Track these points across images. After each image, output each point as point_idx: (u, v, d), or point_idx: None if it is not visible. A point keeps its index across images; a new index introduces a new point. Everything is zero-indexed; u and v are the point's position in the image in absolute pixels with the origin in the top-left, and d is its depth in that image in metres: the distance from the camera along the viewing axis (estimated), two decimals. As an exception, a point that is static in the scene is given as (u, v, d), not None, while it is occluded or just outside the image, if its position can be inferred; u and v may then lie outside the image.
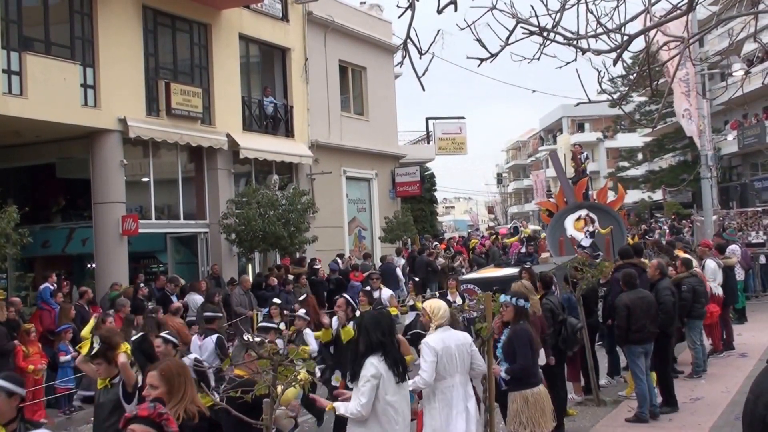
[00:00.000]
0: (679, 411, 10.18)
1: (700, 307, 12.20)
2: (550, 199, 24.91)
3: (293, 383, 4.75)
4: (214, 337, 10.66)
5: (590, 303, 11.60)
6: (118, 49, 17.99)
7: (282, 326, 11.05)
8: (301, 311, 11.76)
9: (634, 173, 54.87)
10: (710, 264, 14.08)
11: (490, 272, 14.79)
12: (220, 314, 11.57)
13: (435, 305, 7.01)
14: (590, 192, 22.52)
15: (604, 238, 19.28)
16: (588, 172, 23.02)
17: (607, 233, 19.30)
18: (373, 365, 5.97)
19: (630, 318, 9.87)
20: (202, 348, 10.56)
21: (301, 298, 14.58)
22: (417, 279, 22.29)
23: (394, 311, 11.80)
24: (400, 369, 6.07)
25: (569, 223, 20.18)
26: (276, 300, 13.26)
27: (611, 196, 22.50)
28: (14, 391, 4.70)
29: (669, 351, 10.92)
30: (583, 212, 20.21)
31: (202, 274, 19.98)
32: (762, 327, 15.98)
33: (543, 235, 27.15)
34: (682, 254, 13.76)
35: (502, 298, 8.02)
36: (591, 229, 19.67)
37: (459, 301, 11.79)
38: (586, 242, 18.80)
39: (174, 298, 15.92)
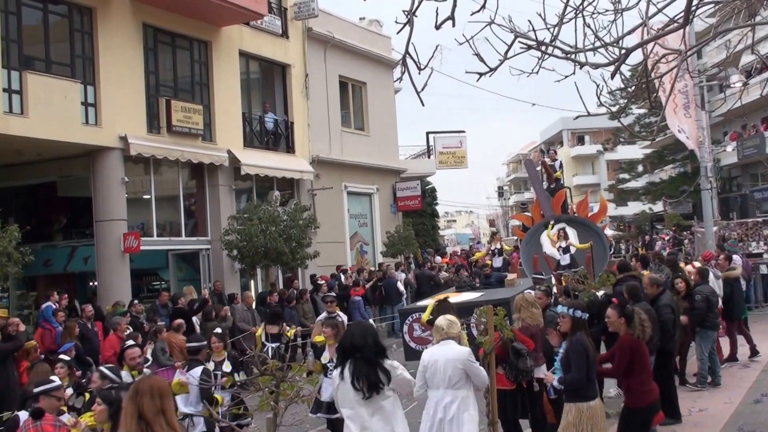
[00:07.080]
0: (682, 423, 10.13)
1: (714, 317, 12.17)
2: (525, 213, 23.71)
3: (296, 399, 4.75)
4: (198, 370, 9.02)
5: (591, 314, 11.55)
6: (118, 67, 18.06)
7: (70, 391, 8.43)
8: None
9: (635, 185, 54.81)
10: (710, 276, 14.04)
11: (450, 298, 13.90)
12: (205, 342, 10.28)
13: (438, 322, 7.23)
14: (569, 205, 21.21)
15: (585, 253, 17.65)
16: (563, 182, 21.91)
17: (587, 248, 17.67)
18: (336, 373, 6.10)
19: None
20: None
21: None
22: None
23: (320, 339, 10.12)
24: (362, 385, 5.84)
25: (545, 239, 18.45)
26: (64, 356, 10.18)
27: (593, 208, 21.61)
28: None
29: (670, 366, 10.90)
30: (559, 226, 18.43)
31: (204, 290, 19.95)
32: (764, 338, 15.87)
33: (507, 247, 26.00)
34: (694, 265, 13.75)
35: (559, 308, 7.98)
36: (564, 244, 17.96)
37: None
38: (565, 260, 17.83)
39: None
